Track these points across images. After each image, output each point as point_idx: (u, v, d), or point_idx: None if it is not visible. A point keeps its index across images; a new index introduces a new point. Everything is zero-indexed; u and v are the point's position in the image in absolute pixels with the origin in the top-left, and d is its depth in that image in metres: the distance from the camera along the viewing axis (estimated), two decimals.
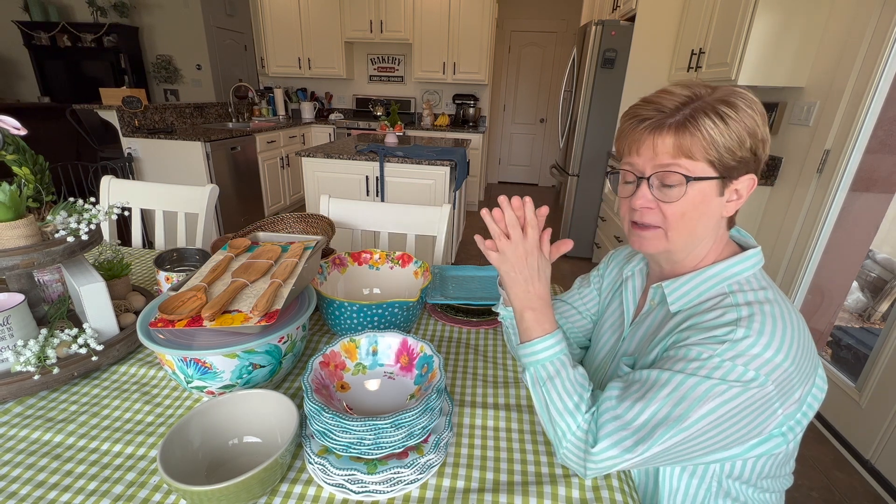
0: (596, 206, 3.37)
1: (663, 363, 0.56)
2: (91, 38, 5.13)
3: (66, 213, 0.79)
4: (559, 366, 0.60)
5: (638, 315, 0.72)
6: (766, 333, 0.51)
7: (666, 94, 0.58)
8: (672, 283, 0.63)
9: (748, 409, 0.51)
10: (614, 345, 0.75)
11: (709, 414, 0.51)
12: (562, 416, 0.58)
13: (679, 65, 2.73)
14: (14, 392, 0.69)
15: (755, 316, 0.52)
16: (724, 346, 0.51)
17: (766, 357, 0.50)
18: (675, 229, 0.59)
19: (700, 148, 0.55)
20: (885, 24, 1.59)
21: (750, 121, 0.54)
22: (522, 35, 5.53)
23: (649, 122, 0.57)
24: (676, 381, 0.52)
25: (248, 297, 0.69)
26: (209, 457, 0.58)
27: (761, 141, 0.56)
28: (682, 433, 0.51)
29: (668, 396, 0.52)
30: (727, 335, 0.52)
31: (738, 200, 0.59)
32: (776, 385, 0.51)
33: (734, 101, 0.54)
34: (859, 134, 1.70)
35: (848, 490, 1.53)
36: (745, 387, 0.50)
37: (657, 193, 0.58)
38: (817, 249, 1.89)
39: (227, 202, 3.40)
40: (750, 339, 0.51)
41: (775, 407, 0.52)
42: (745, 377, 0.50)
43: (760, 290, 0.57)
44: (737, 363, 0.50)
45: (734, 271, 0.60)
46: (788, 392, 0.52)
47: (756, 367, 0.50)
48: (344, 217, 1.39)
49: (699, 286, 0.61)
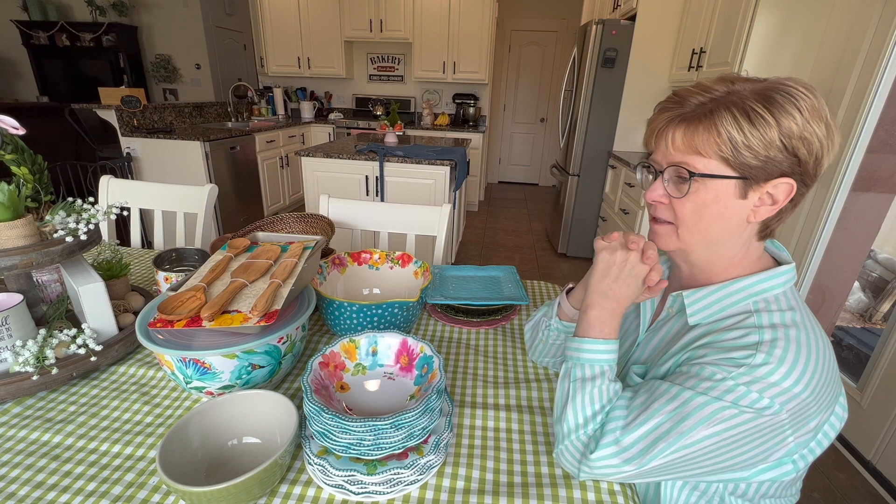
0: (596, 206, 3.36)
1: (675, 378, 0.54)
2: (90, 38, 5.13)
3: (64, 212, 0.79)
4: (599, 372, 0.58)
5: (654, 321, 0.69)
6: (788, 362, 0.48)
7: (697, 89, 0.54)
8: (693, 294, 0.60)
9: (756, 436, 0.49)
10: (628, 350, 0.72)
11: (713, 436, 0.49)
12: (576, 417, 0.57)
13: (680, 64, 2.73)
14: (13, 392, 0.69)
15: (778, 341, 0.49)
16: (741, 370, 0.49)
17: (783, 386, 0.47)
18: (685, 227, 0.57)
19: (712, 144, 0.51)
20: (886, 24, 1.59)
21: (788, 118, 0.48)
22: (522, 34, 5.53)
23: (666, 115, 0.55)
24: (684, 397, 0.50)
25: (247, 297, 0.69)
26: (208, 457, 0.58)
27: (802, 140, 0.49)
28: (683, 450, 0.50)
29: (673, 412, 0.50)
30: (745, 359, 0.49)
31: (771, 206, 0.53)
32: (790, 414, 0.48)
33: (771, 96, 0.49)
34: (861, 134, 1.70)
35: (849, 491, 1.53)
36: (758, 414, 0.47)
37: (669, 188, 0.56)
38: (819, 249, 1.89)
39: (227, 202, 3.39)
40: (769, 366, 0.48)
41: (786, 435, 0.49)
42: (759, 404, 0.47)
43: (788, 312, 0.53)
44: (752, 389, 0.48)
45: (762, 287, 0.56)
46: (803, 421, 0.49)
47: (771, 396, 0.47)
48: (344, 217, 1.38)
49: (722, 300, 0.57)
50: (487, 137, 5.17)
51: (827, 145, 0.50)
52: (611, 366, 0.59)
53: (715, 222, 0.55)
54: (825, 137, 0.50)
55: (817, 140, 0.49)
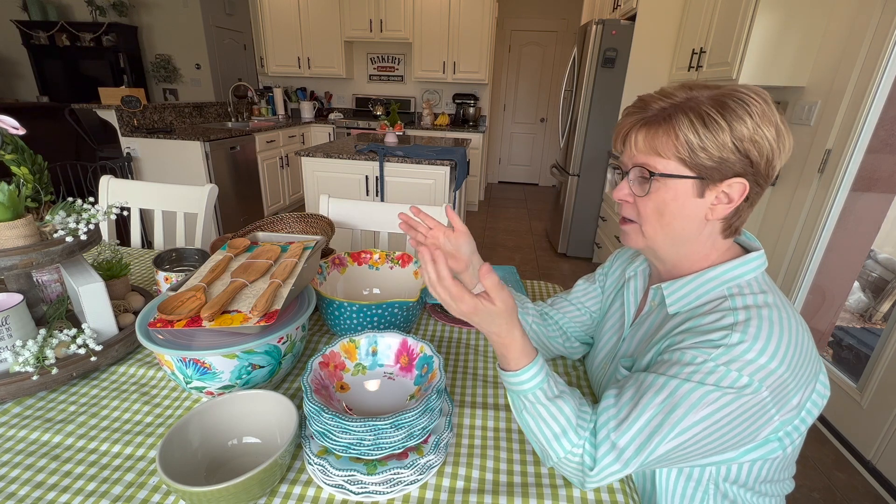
0: (596, 205, 3.37)
1: (658, 367, 0.56)
2: (90, 38, 5.13)
3: (64, 212, 0.79)
4: (533, 399, 0.56)
5: (638, 316, 0.72)
6: (762, 339, 0.50)
7: (659, 95, 0.58)
8: (671, 285, 0.63)
9: (742, 416, 0.51)
10: (615, 345, 0.75)
11: (702, 420, 0.50)
12: (542, 442, 0.56)
13: (680, 64, 2.73)
14: (13, 392, 0.69)
15: (752, 321, 0.52)
16: (719, 350, 0.51)
17: (760, 363, 0.50)
18: (648, 224, 0.60)
19: (670, 145, 0.54)
20: (886, 24, 1.59)
21: (739, 122, 0.52)
22: (522, 34, 5.53)
23: (630, 119, 0.59)
24: (671, 386, 0.52)
25: (247, 297, 0.69)
26: (208, 457, 0.58)
27: (753, 143, 0.52)
28: (677, 439, 0.51)
29: (662, 403, 0.52)
30: (722, 339, 0.51)
31: (728, 204, 0.56)
32: (770, 391, 0.50)
33: (725, 101, 0.53)
34: (861, 133, 1.70)
35: (849, 491, 1.53)
36: (739, 393, 0.50)
37: (634, 187, 0.60)
38: (818, 249, 1.89)
39: (227, 202, 3.39)
40: (745, 344, 0.50)
41: (771, 413, 0.52)
42: (739, 383, 0.50)
43: (760, 294, 0.56)
44: (731, 368, 0.50)
45: (735, 274, 0.59)
46: (784, 398, 0.51)
47: (750, 373, 0.49)
48: (344, 217, 1.38)
49: (698, 289, 0.60)
50: (487, 137, 5.17)
51: (778, 148, 0.54)
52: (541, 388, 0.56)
53: (675, 219, 0.58)
54: (775, 140, 0.53)
55: (767, 143, 0.53)
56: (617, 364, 0.70)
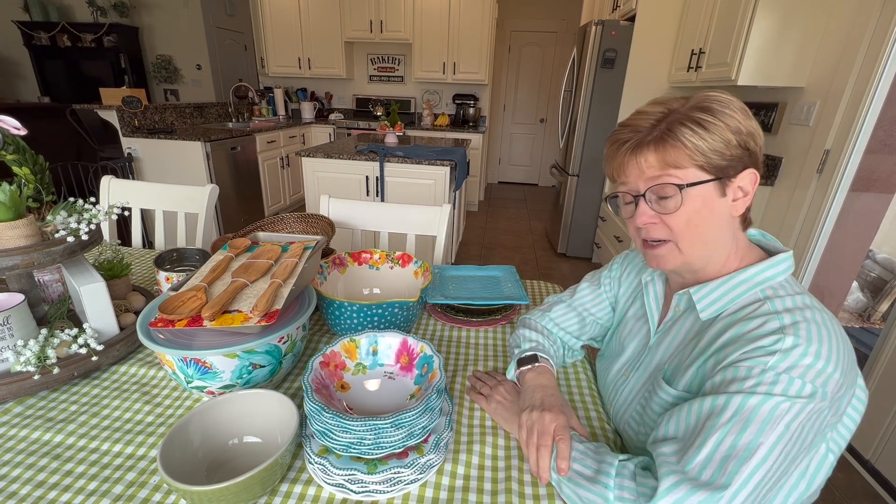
0: (596, 205, 3.37)
1: (714, 389, 0.51)
2: (91, 38, 5.13)
3: (66, 212, 0.79)
4: None
5: (662, 322, 0.69)
6: (815, 341, 0.48)
7: (640, 115, 0.59)
8: (700, 290, 0.61)
9: (808, 425, 0.47)
10: (640, 353, 0.71)
11: (783, 437, 0.46)
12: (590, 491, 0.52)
13: (679, 65, 2.73)
14: (14, 392, 0.69)
15: (800, 323, 0.49)
16: (776, 357, 0.48)
17: (818, 367, 0.47)
18: (684, 239, 0.58)
19: (685, 156, 0.55)
20: (885, 24, 1.59)
21: (730, 119, 0.54)
22: (522, 35, 5.53)
23: (628, 144, 0.58)
24: (735, 403, 0.47)
25: (248, 297, 0.69)
26: (209, 457, 0.58)
27: (748, 135, 0.55)
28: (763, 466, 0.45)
29: (730, 422, 0.47)
30: (775, 344, 0.48)
31: (745, 197, 0.58)
32: (830, 398, 0.47)
33: (708, 105, 0.55)
34: (859, 134, 1.70)
35: (848, 490, 1.53)
36: (810, 401, 0.46)
37: (656, 207, 0.58)
38: (817, 249, 1.89)
39: (227, 202, 3.40)
40: (800, 347, 0.47)
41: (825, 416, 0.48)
42: (805, 391, 0.46)
43: (797, 296, 0.54)
44: (792, 375, 0.47)
45: (765, 276, 0.57)
46: (838, 402, 0.49)
47: (811, 379, 0.46)
48: (344, 217, 1.39)
49: (730, 292, 0.58)
50: (487, 138, 5.17)
51: (762, 136, 0.58)
52: None
53: (708, 226, 0.58)
54: (758, 130, 0.57)
55: (757, 133, 0.57)
56: (645, 374, 0.67)
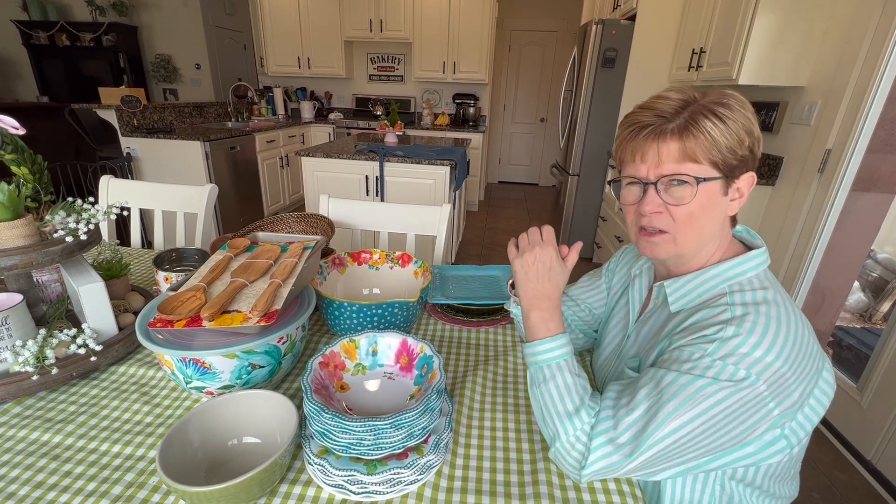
0: (596, 205, 3.36)
1: (659, 365, 0.56)
2: (90, 38, 5.12)
3: (64, 212, 0.79)
4: (556, 369, 0.60)
5: (642, 314, 0.72)
6: (757, 333, 0.51)
7: (662, 99, 0.58)
8: (674, 283, 0.64)
9: (740, 410, 0.51)
10: (619, 343, 0.75)
11: (701, 415, 0.50)
12: (555, 419, 0.58)
13: (680, 64, 2.72)
14: (13, 392, 0.69)
15: (748, 315, 0.52)
16: (714, 345, 0.51)
17: (755, 356, 0.50)
18: (683, 232, 0.59)
19: (703, 149, 0.55)
20: (886, 24, 1.59)
21: (745, 120, 0.55)
22: (522, 34, 5.53)
23: (651, 129, 0.57)
24: (668, 379, 0.53)
25: (247, 297, 0.69)
26: (208, 457, 0.58)
27: (757, 139, 0.57)
28: (674, 434, 0.51)
29: (659, 394, 0.52)
30: (717, 334, 0.52)
31: (740, 199, 0.60)
32: (768, 385, 0.50)
33: (727, 102, 0.55)
34: (861, 133, 1.70)
35: (849, 490, 1.53)
36: (737, 386, 0.50)
37: (666, 197, 0.58)
38: (818, 249, 1.89)
39: (227, 202, 3.39)
40: (739, 337, 0.51)
41: (770, 407, 0.51)
42: (736, 376, 0.50)
43: (760, 290, 0.56)
44: (727, 362, 0.50)
45: (737, 271, 0.59)
46: (783, 393, 0.51)
47: (746, 366, 0.50)
48: (344, 217, 1.38)
49: (700, 286, 0.61)
50: (487, 137, 5.16)
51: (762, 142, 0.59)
52: (568, 358, 0.61)
53: (706, 222, 0.59)
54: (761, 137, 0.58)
55: (761, 138, 0.58)
56: (623, 363, 0.70)
